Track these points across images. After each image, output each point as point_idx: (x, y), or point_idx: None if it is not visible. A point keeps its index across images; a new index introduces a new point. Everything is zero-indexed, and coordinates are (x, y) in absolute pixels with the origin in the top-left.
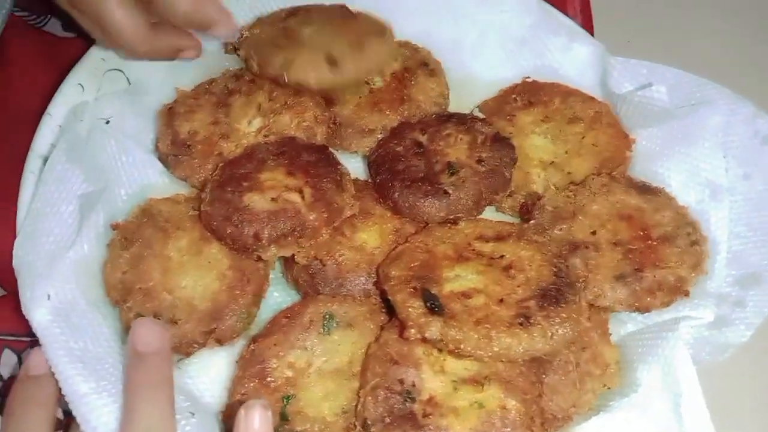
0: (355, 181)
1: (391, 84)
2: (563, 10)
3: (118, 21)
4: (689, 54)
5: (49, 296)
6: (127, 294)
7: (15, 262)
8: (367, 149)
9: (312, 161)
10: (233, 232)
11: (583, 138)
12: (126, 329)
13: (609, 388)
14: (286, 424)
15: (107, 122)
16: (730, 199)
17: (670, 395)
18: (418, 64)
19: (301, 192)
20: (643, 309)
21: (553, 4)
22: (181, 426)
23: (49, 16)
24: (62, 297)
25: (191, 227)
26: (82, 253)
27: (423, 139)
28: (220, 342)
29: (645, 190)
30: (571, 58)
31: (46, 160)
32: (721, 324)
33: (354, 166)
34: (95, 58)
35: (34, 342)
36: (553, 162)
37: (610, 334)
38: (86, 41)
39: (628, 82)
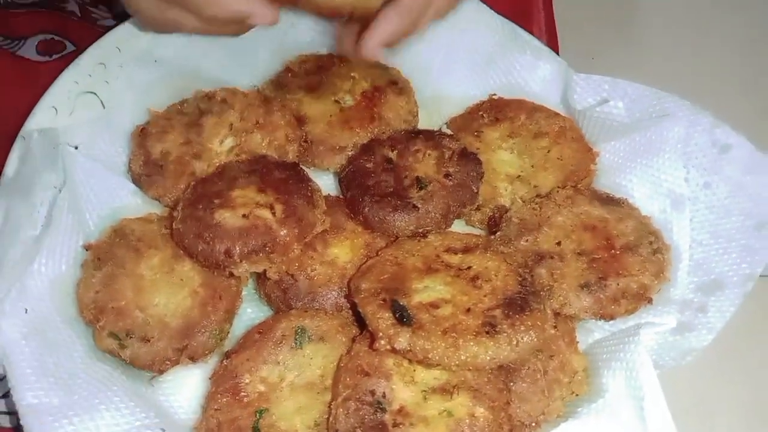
0: (327, 197)
1: (361, 102)
2: (529, 28)
3: None
4: (651, 68)
5: (26, 310)
6: (99, 313)
7: None
8: (338, 166)
9: (283, 178)
10: (205, 249)
11: (548, 152)
12: (98, 347)
13: (577, 395)
14: None
15: (76, 148)
16: (691, 208)
17: (634, 400)
18: (387, 83)
19: (272, 208)
20: (607, 316)
21: (518, 23)
22: None
23: (24, 40)
24: (38, 313)
25: (163, 246)
26: (59, 272)
27: (392, 155)
28: (192, 359)
29: (609, 201)
30: (535, 76)
31: None
32: (684, 329)
33: (325, 182)
34: (68, 80)
35: None
36: (519, 176)
37: (578, 342)
38: (59, 64)
39: (590, 97)
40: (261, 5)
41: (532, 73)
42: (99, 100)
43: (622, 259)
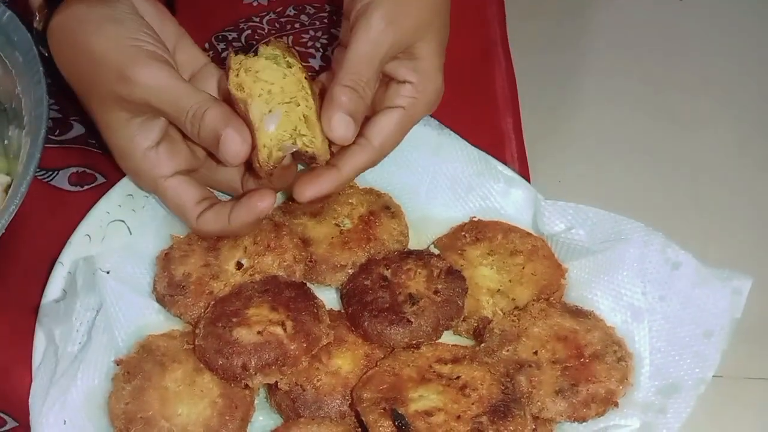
0: (330, 311)
1: (358, 225)
2: (502, 159)
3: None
4: (613, 190)
5: (65, 421)
6: (129, 423)
7: (31, 396)
8: (340, 283)
9: (292, 297)
10: (224, 363)
11: (523, 268)
12: None
13: None
14: None
15: (107, 272)
16: (649, 319)
17: None
18: (381, 208)
19: (283, 325)
20: (580, 419)
21: (492, 153)
22: None
23: (57, 171)
24: (75, 424)
25: (186, 359)
26: (92, 386)
27: (387, 273)
28: None
29: (577, 313)
30: (509, 201)
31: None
32: (647, 429)
33: (329, 297)
34: (101, 210)
35: None
36: (499, 290)
37: None
38: (90, 194)
39: (556, 222)
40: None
41: (506, 198)
42: (126, 227)
43: (591, 367)
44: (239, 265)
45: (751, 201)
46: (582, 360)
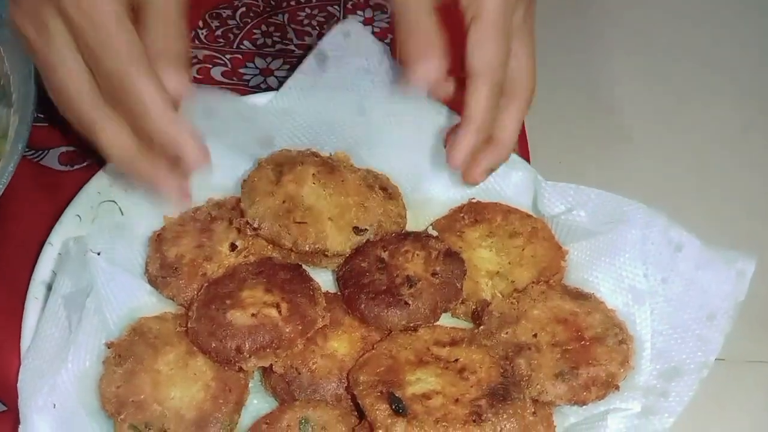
0: (326, 294)
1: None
2: None
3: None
4: (613, 173)
5: (54, 405)
6: (120, 406)
7: (20, 379)
8: (336, 265)
9: (287, 279)
10: (217, 346)
11: (523, 250)
12: None
13: None
14: None
15: (98, 254)
16: (651, 302)
17: None
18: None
19: (278, 307)
20: (580, 402)
21: None
22: None
23: (47, 150)
24: (66, 408)
25: (178, 342)
26: (83, 369)
27: (384, 255)
28: None
29: (578, 296)
30: (509, 183)
31: (47, 286)
32: (648, 413)
33: (324, 280)
34: (92, 190)
35: None
36: (498, 272)
37: (555, 426)
38: (81, 174)
39: (556, 203)
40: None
41: (506, 179)
42: (118, 208)
43: (592, 350)
44: (233, 247)
45: (754, 184)
46: (582, 343)
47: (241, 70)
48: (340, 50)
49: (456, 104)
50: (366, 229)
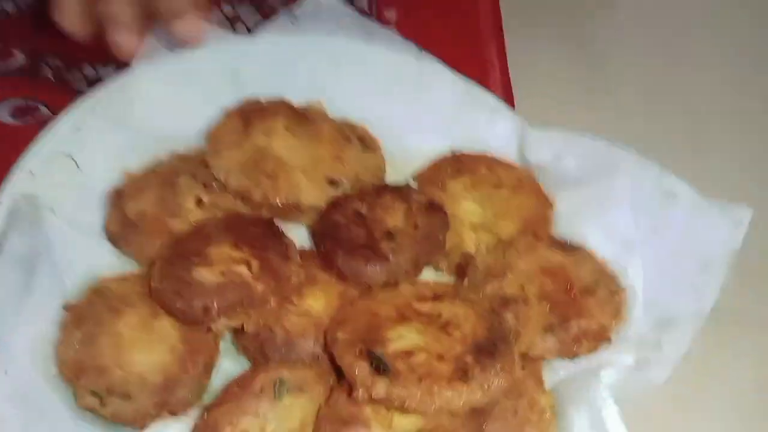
0: (301, 250)
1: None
2: (485, 84)
3: None
4: (603, 119)
5: (6, 371)
6: (79, 372)
7: None
8: (311, 221)
9: (258, 234)
10: (183, 306)
11: (508, 202)
12: (80, 406)
13: None
14: None
15: (53, 211)
16: (643, 252)
17: None
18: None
19: (248, 264)
20: (571, 356)
21: (475, 80)
22: None
23: None
24: (19, 374)
25: (141, 303)
26: (38, 333)
27: (362, 209)
28: (173, 413)
29: (566, 247)
30: (493, 131)
31: None
32: (643, 365)
33: (299, 236)
34: (45, 144)
35: None
36: (482, 225)
37: (544, 382)
38: (34, 128)
39: (544, 152)
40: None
41: (490, 128)
42: (74, 163)
43: (582, 302)
44: (199, 202)
45: (752, 137)
46: (572, 295)
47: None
48: (313, 14)
49: None
50: (342, 182)
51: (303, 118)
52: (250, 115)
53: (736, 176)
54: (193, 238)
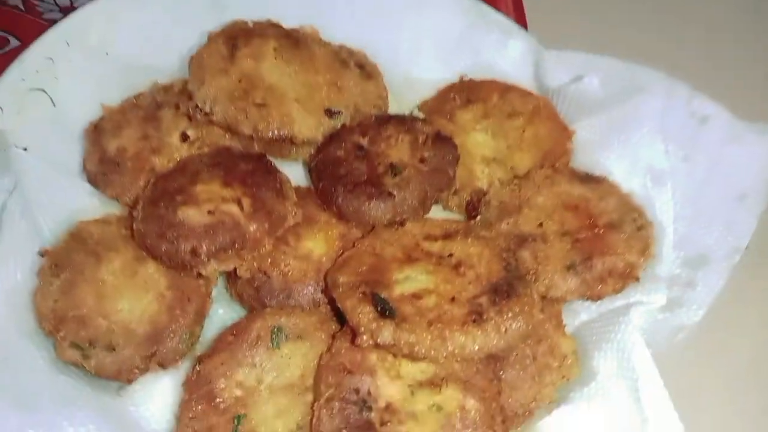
0: (297, 188)
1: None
2: (495, 6)
3: None
4: (623, 40)
5: None
6: (60, 323)
7: None
8: (307, 156)
9: (249, 170)
10: (169, 249)
11: (523, 132)
12: (60, 359)
13: (568, 379)
14: None
15: (25, 149)
16: (672, 183)
17: (627, 381)
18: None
19: (239, 203)
20: (594, 297)
21: (485, 1)
22: None
23: None
24: None
25: (124, 248)
26: (13, 282)
27: (364, 142)
28: (162, 366)
29: (588, 179)
30: (505, 55)
31: None
32: (674, 306)
33: (294, 173)
34: (14, 78)
35: None
36: (495, 158)
37: (565, 325)
38: (3, 60)
39: (562, 74)
40: None
41: (502, 52)
42: (48, 98)
43: (606, 238)
44: (184, 137)
45: None
46: (595, 231)
47: None
48: None
49: None
50: (340, 112)
51: (295, 42)
52: (236, 38)
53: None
54: (179, 175)
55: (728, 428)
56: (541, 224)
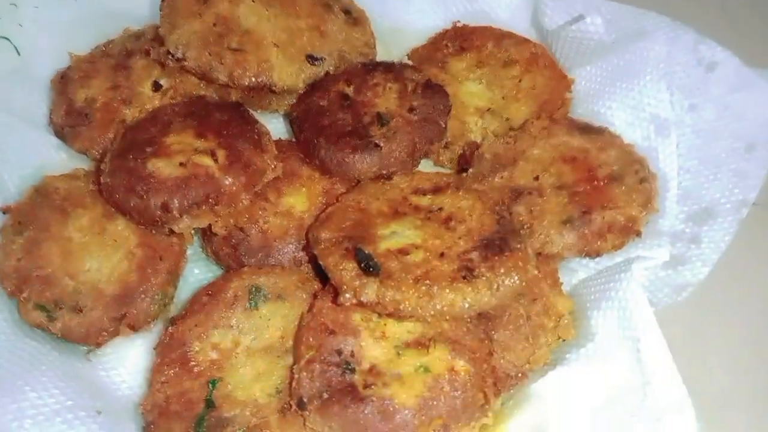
0: (277, 141)
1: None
2: None
3: None
4: None
5: None
6: (23, 283)
7: None
8: (288, 106)
9: (225, 120)
10: (138, 204)
11: (519, 81)
12: (24, 321)
13: (564, 340)
14: (213, 411)
15: None
16: (677, 133)
17: (628, 341)
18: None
19: (213, 154)
20: (593, 253)
21: None
22: (87, 427)
23: None
24: None
25: (92, 204)
26: None
27: (349, 90)
28: (133, 328)
29: (588, 130)
30: (501, 1)
31: None
32: (677, 263)
33: (275, 125)
34: None
35: None
36: (489, 109)
37: (561, 284)
38: None
39: (561, 15)
40: None
41: None
42: (12, 46)
43: (607, 191)
44: (157, 86)
45: None
46: (595, 183)
47: None
48: None
49: None
50: (323, 58)
51: None
52: None
53: None
54: (149, 126)
55: (733, 391)
56: (537, 177)
